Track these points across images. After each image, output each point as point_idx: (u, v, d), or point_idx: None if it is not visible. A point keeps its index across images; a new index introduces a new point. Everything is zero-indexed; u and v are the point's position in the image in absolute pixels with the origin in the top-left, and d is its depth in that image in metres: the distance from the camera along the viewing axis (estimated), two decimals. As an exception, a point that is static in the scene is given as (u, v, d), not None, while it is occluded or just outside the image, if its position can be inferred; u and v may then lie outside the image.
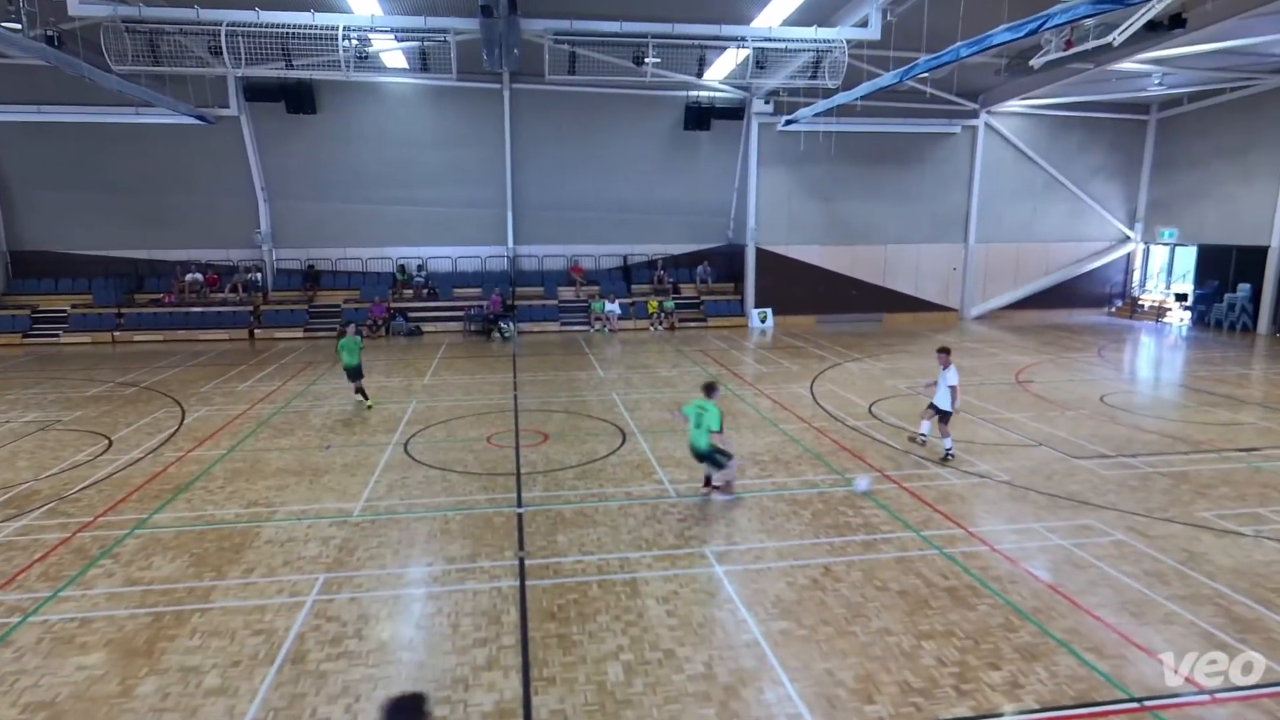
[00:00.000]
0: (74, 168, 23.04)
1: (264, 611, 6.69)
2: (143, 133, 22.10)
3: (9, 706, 5.38)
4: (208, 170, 23.60)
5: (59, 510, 9.08)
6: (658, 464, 10.82)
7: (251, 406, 14.22)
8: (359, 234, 25.39)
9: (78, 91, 19.99)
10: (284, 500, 9.40)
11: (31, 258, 24.01)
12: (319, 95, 22.64)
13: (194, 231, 24.27)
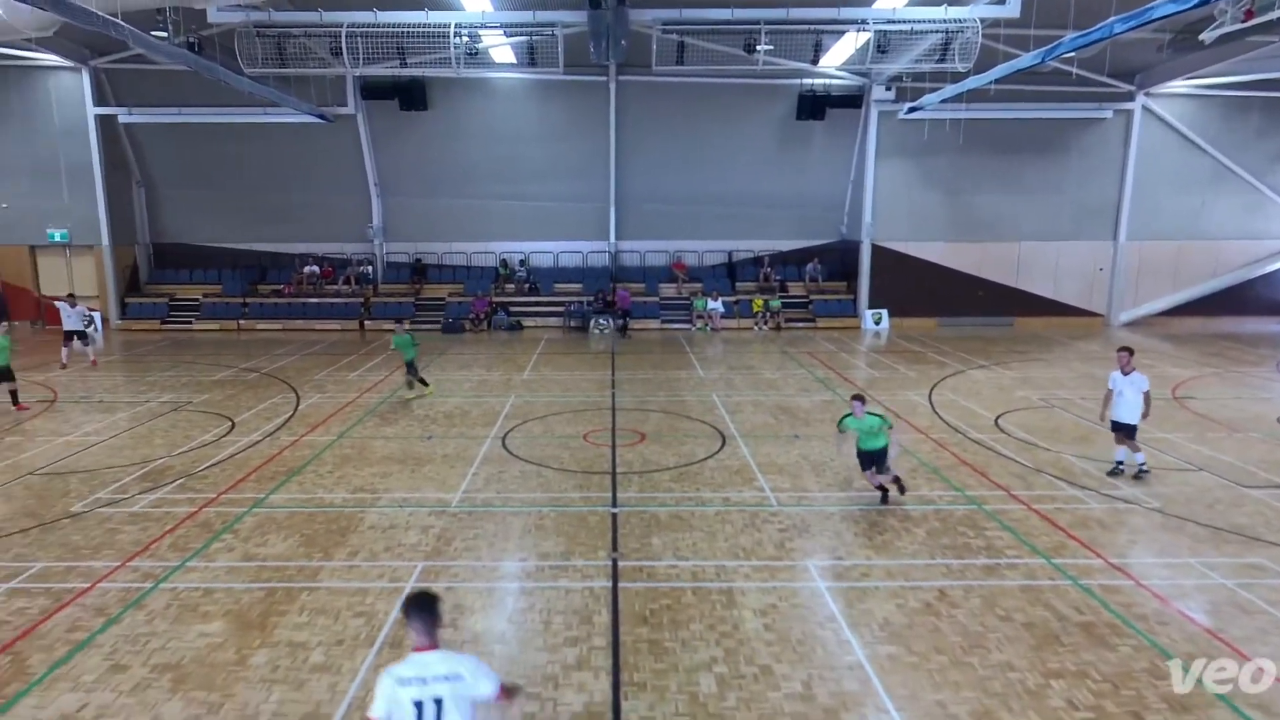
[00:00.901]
0: (208, 166, 25.45)
1: (366, 594, 7.10)
2: (269, 132, 24.10)
3: (140, 665, 5.98)
4: (326, 167, 25.41)
5: (188, 486, 10.02)
6: (759, 470, 10.64)
7: (360, 395, 15.17)
8: (464, 229, 26.56)
9: (213, 94, 22.06)
10: (387, 487, 9.95)
11: (170, 249, 26.73)
12: (430, 93, 23.86)
13: (312, 226, 26.22)
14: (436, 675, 3.47)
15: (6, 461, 10.98)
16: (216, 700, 5.56)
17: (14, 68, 23.31)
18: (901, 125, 24.02)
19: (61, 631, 6.45)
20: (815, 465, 10.88)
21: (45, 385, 16.10)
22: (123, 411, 13.91)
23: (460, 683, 3.49)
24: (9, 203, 24.27)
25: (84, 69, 23.18)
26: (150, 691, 5.65)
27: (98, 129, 23.77)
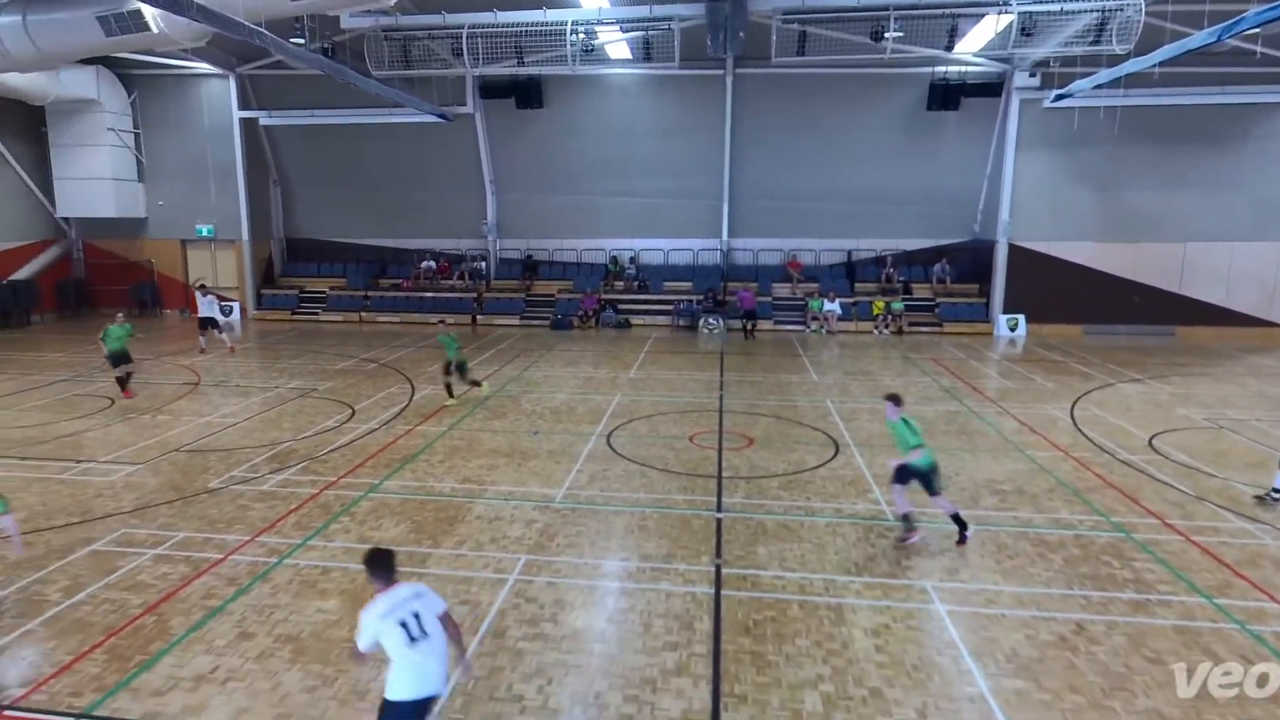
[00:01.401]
0: (336, 165, 27.34)
1: (471, 584, 7.38)
2: (392, 132, 25.62)
3: (265, 634, 6.49)
4: (445, 165, 26.71)
5: (310, 469, 10.79)
6: (874, 482, 10.22)
7: (470, 388, 15.80)
8: (576, 225, 27.18)
9: (343, 97, 23.69)
10: (494, 480, 10.31)
11: (302, 244, 28.95)
12: (546, 90, 24.58)
13: (431, 222, 27.64)
14: (406, 598, 4.49)
15: (157, 438, 12.24)
16: (331, 674, 5.93)
17: (171, 76, 26.02)
18: (1046, 114, 22.41)
19: (198, 598, 7.10)
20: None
21: (190, 369, 17.83)
22: (256, 396, 15.19)
23: (425, 597, 4.56)
24: (165, 200, 27.10)
25: (231, 76, 25.53)
26: (273, 660, 6.10)
27: (241, 131, 26.10)
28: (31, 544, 8.19)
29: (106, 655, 6.17)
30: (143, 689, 5.73)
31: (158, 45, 18.48)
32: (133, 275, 27.39)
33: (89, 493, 9.79)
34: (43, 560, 7.86)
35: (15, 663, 6.11)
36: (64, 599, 7.07)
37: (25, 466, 10.79)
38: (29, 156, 25.33)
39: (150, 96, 26.45)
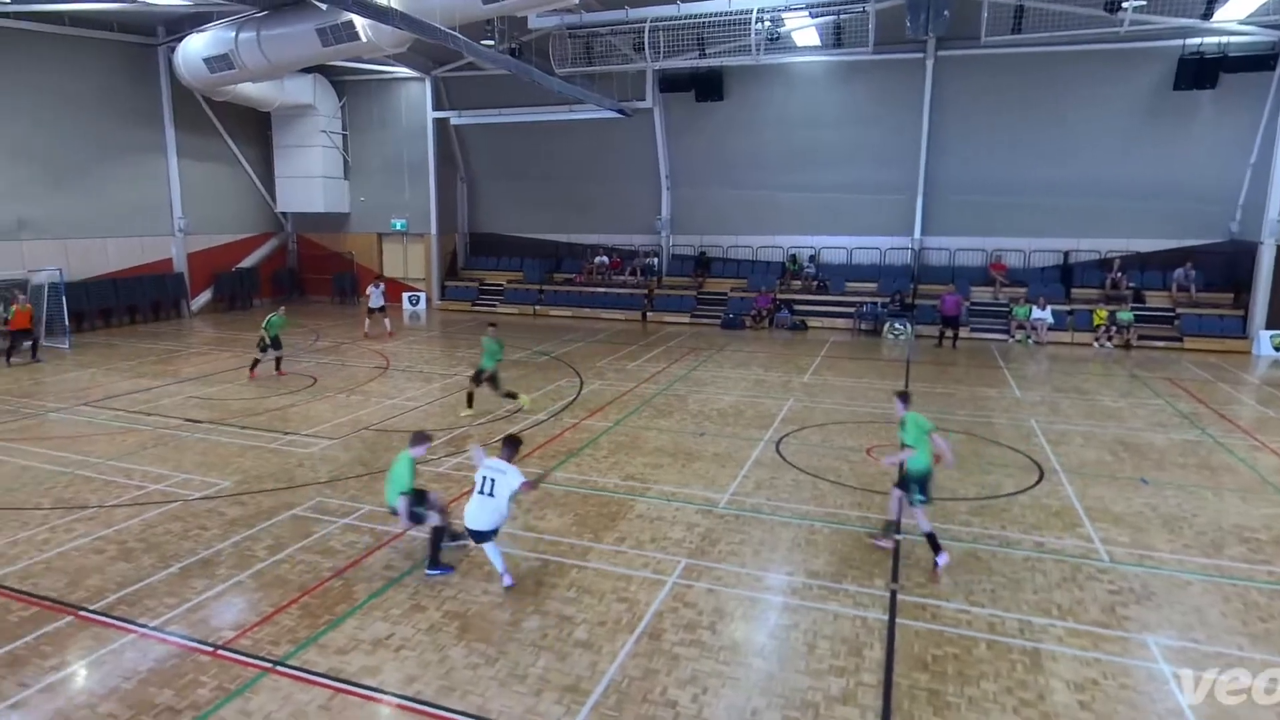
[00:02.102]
0: (518, 162, 29.09)
1: (629, 582, 7.53)
2: (571, 128, 26.83)
3: (435, 609, 7.02)
4: (620, 161, 27.57)
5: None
6: (1086, 515, 9.21)
7: (637, 385, 16.21)
8: (752, 221, 26.98)
9: (526, 95, 25.12)
10: (657, 479, 10.47)
11: (484, 238, 31.14)
12: (727, 82, 24.61)
13: (605, 217, 28.65)
14: (498, 467, 7.35)
15: (350, 416, 13.69)
16: (492, 654, 6.30)
17: (375, 81, 29.02)
18: (1340, 86, 19.01)
19: (379, 568, 7.84)
20: (1168, 519, 9.11)
21: (380, 354, 19.77)
22: (437, 382, 16.53)
23: (507, 474, 7.28)
24: (365, 196, 30.30)
25: (427, 78, 28.02)
26: (441, 634, 6.59)
27: (434, 131, 28.58)
28: (245, 504, 9.49)
29: (300, 611, 6.97)
30: (329, 646, 6.41)
31: (365, 53, 20.70)
32: (335, 265, 30.87)
33: (292, 462, 11.15)
34: (253, 519, 9.06)
35: (228, 608, 7.08)
36: (268, 556, 8.10)
37: (243, 435, 12.51)
38: (257, 157, 29.35)
39: (357, 100, 29.69)
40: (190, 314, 26.44)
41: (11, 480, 10.39)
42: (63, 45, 22.00)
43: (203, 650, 6.35)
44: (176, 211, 26.07)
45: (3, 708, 5.64)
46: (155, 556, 8.08)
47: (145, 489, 10.07)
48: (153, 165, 25.36)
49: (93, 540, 8.48)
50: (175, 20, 23.28)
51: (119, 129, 24.12)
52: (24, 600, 7.17)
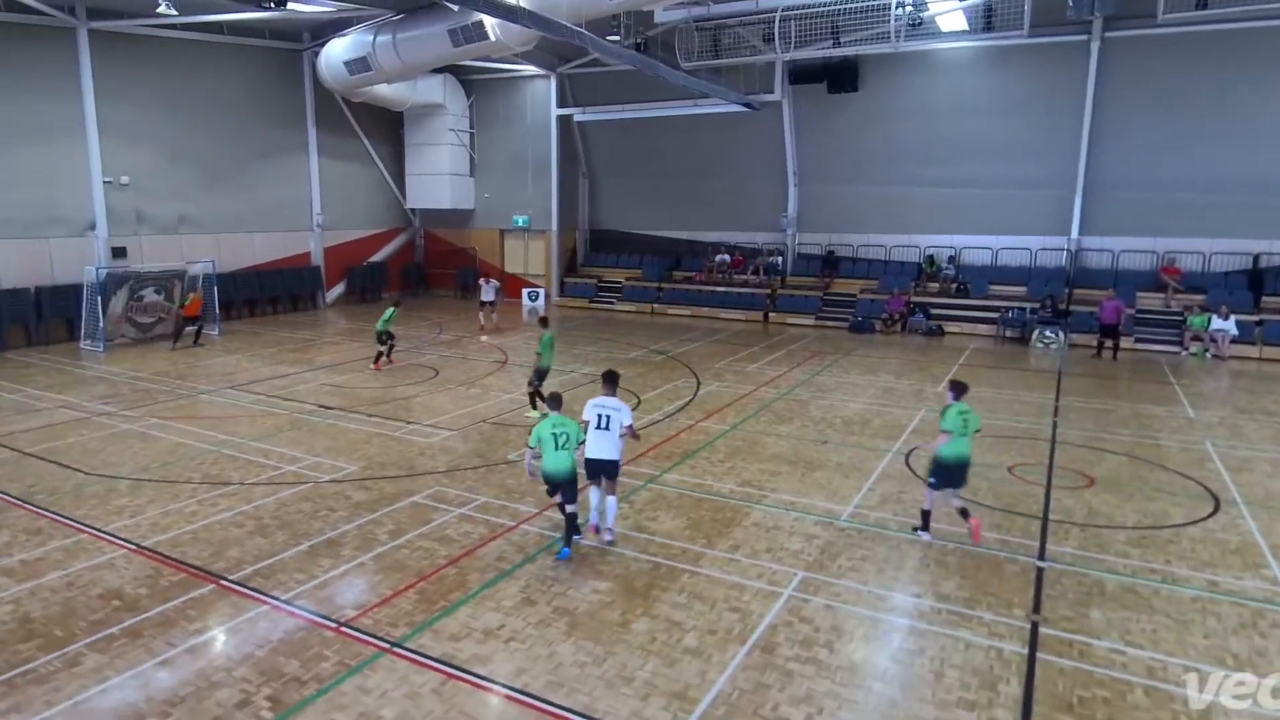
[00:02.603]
0: (639, 158, 29.48)
1: (742, 591, 7.45)
2: (695, 123, 26.87)
3: (545, 604, 7.21)
4: (745, 156, 27.36)
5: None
6: (1271, 555, 8.29)
7: (757, 388, 16.02)
8: (885, 219, 26.08)
9: (650, 91, 25.46)
10: (775, 487, 10.31)
11: (604, 235, 31.75)
12: (862, 72, 23.92)
13: (727, 214, 28.53)
14: (611, 404, 8.46)
15: (468, 409, 14.31)
16: (600, 654, 6.39)
17: (502, 80, 30.19)
18: None
19: (492, 559, 8.13)
20: (1385, 567, 8.03)
21: (500, 349, 20.53)
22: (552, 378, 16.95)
23: (618, 411, 8.42)
24: (490, 193, 31.58)
25: (552, 76, 28.89)
26: (550, 629, 6.76)
27: (557, 127, 29.42)
28: (369, 489, 10.12)
29: (417, 596, 7.34)
30: (442, 632, 6.72)
31: (494, 52, 21.63)
32: (459, 261, 32.36)
33: (413, 451, 11.77)
34: (376, 504, 9.64)
35: (351, 588, 7.56)
36: (389, 540, 8.59)
37: (370, 422, 13.34)
38: (389, 155, 31.25)
39: (484, 99, 31.01)
40: (325, 305, 28.47)
41: (167, 455, 11.56)
42: (220, 53, 24.28)
43: (327, 626, 6.81)
44: (315, 208, 28.19)
45: (153, 663, 6.26)
46: (288, 534, 8.75)
47: (281, 470, 10.93)
48: (296, 164, 27.54)
49: (234, 515, 9.30)
50: (319, 26, 25.17)
51: (267, 130, 26.36)
52: (173, 566, 7.96)
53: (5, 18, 19.41)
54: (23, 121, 20.22)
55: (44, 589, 7.49)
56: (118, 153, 22.06)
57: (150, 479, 10.52)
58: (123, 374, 17.16)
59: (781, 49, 21.28)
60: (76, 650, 6.43)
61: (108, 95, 21.59)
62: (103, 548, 8.40)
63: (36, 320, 20.60)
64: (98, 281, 19.91)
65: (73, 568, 7.93)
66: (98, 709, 5.70)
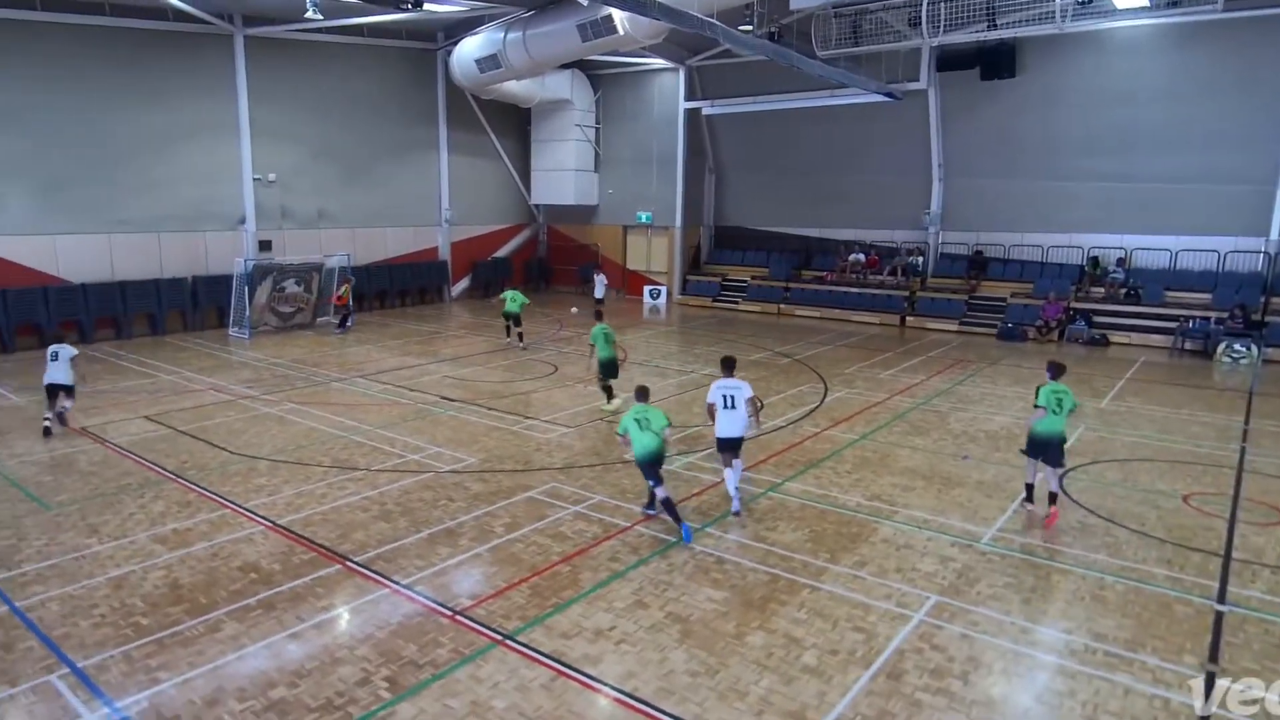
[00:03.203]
0: (768, 151, 29.12)
1: (868, 611, 7.22)
2: (830, 115, 26.28)
3: (658, 608, 7.26)
4: (884, 149, 26.50)
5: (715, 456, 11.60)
6: None
7: (890, 397, 15.49)
8: (1042, 216, 24.57)
9: (782, 81, 25.11)
10: (907, 502, 9.93)
11: (729, 232, 31.62)
12: (1021, 56, 22.66)
13: (862, 211, 27.73)
14: (733, 384, 9.48)
15: (586, 406, 14.62)
16: (714, 664, 6.37)
17: (629, 74, 30.65)
18: None
19: (605, 559, 8.27)
20: None
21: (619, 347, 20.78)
22: (673, 378, 17.09)
23: (740, 389, 9.42)
24: (614, 189, 32.13)
25: (680, 68, 29.05)
26: (662, 635, 6.80)
27: (684, 121, 29.56)
28: (487, 481, 10.54)
29: (530, 590, 7.58)
30: (554, 628, 6.90)
31: (622, 46, 21.99)
32: (581, 257, 33.11)
33: (530, 446, 12.16)
34: (494, 496, 10.02)
35: (467, 577, 7.90)
36: (505, 533, 8.91)
37: (489, 415, 13.89)
38: (516, 152, 32.42)
39: (611, 93, 31.60)
40: (450, 299, 29.88)
41: (302, 438, 12.50)
42: (360, 55, 26.04)
43: (443, 613, 7.14)
44: (444, 203, 29.65)
45: (284, 635, 6.79)
46: (409, 521, 9.24)
47: (404, 458, 11.57)
48: (427, 161, 29.10)
49: (360, 499, 9.92)
50: (453, 26, 26.49)
51: (401, 128, 28.00)
52: (304, 545, 8.59)
53: (172, 27, 21.61)
54: (186, 124, 22.44)
55: (191, 558, 8.28)
56: (266, 151, 24.07)
57: (286, 460, 11.40)
58: (264, 360, 18.68)
59: (929, 33, 20.48)
60: (218, 617, 7.06)
61: (259, 97, 23.61)
62: (243, 523, 9.18)
63: (192, 307, 22.78)
64: (245, 273, 21.80)
65: (216, 540, 8.73)
66: (235, 674, 6.23)
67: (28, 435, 12.57)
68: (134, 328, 21.58)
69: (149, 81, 21.55)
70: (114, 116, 21.06)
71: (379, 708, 5.81)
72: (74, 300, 20.51)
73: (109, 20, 20.52)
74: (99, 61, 20.65)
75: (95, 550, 8.45)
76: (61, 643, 6.64)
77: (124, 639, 6.71)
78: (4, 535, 8.83)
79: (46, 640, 6.68)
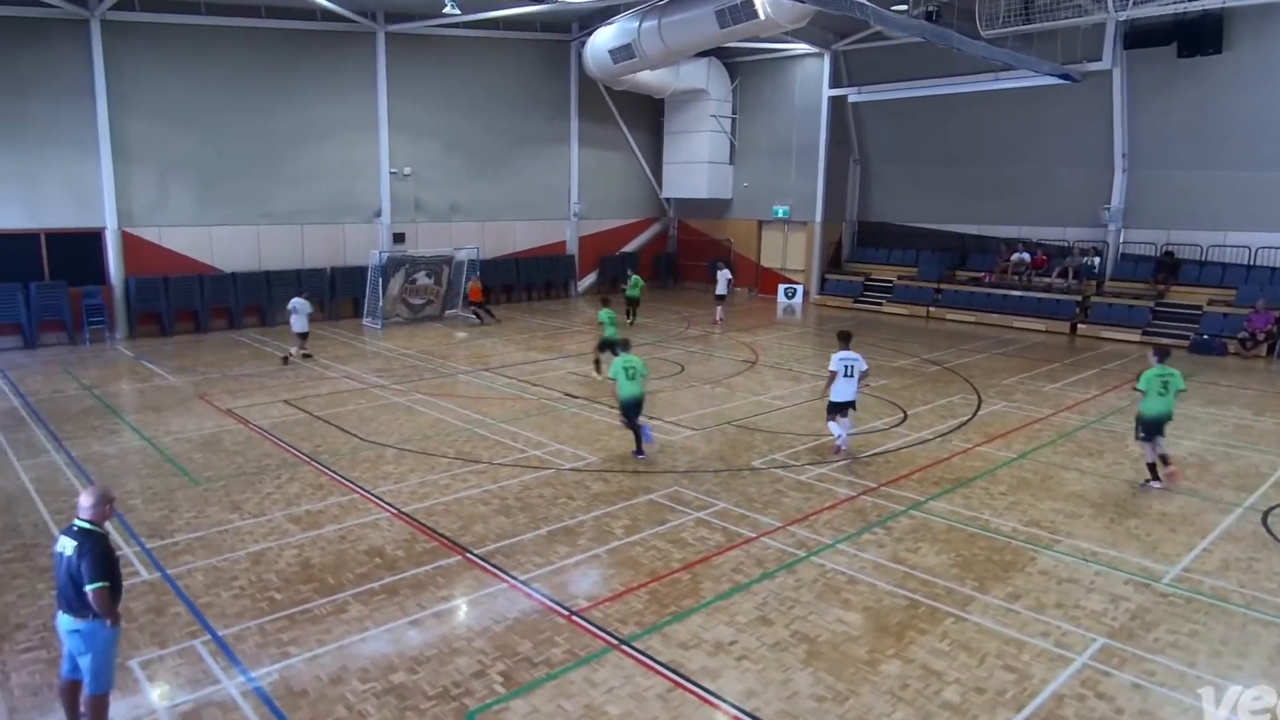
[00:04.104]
0: (921, 141, 28.06)
1: (1021, 649, 6.82)
2: (993, 100, 24.96)
3: (783, 626, 7.14)
4: (1056, 137, 24.94)
5: (851, 468, 11.44)
6: None
7: (1056, 413, 14.60)
8: (1249, 213, 22.36)
9: (939, 65, 24.21)
10: (1071, 531, 9.34)
11: (873, 228, 30.71)
12: (1229, 29, 20.77)
13: (1028, 206, 26.21)
14: (852, 356, 11.64)
15: (715, 408, 14.60)
16: (843, 691, 6.20)
17: (769, 60, 30.33)
18: None
19: (728, 569, 8.23)
20: None
21: (750, 347, 20.68)
22: (806, 383, 16.77)
23: (857, 360, 11.65)
24: (749, 181, 31.89)
25: (825, 53, 28.46)
26: (786, 654, 6.68)
27: (828, 109, 28.94)
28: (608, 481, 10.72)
29: (648, 596, 7.64)
30: (671, 637, 6.91)
31: (763, 31, 21.79)
32: (712, 252, 33.05)
33: (653, 447, 12.24)
34: (614, 497, 10.18)
35: (584, 578, 8.07)
36: (624, 536, 9.03)
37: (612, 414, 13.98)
38: (647, 144, 32.80)
39: (749, 82, 31.38)
40: (576, 294, 30.59)
41: (429, 429, 13.16)
42: (494, 48, 27.16)
43: (559, 612, 7.31)
44: (573, 197, 30.40)
45: (405, 621, 7.17)
46: (528, 516, 9.53)
47: (526, 453, 11.95)
48: (557, 154, 29.95)
49: (481, 492, 10.33)
50: (587, 16, 27.16)
51: (532, 121, 28.95)
52: (427, 534, 9.03)
53: (320, 26, 23.35)
54: (329, 119, 24.21)
55: (322, 539, 8.90)
56: (402, 145, 25.53)
57: (412, 450, 12.02)
58: (394, 350, 19.79)
59: (1116, 7, 19.14)
60: (344, 598, 7.56)
61: (397, 92, 25.11)
62: (370, 508, 9.77)
63: (330, 297, 24.45)
64: (379, 265, 23.17)
65: (345, 523, 9.33)
66: (358, 655, 6.64)
67: (183, 414, 13.91)
68: (277, 316, 23.39)
69: (298, 79, 23.39)
70: (267, 113, 22.98)
71: (493, 701, 6.02)
72: (225, 288, 22.51)
73: (264, 22, 22.44)
74: (255, 61, 22.62)
75: (237, 526, 9.23)
76: (205, 610, 7.31)
77: (259, 612, 7.29)
78: (159, 506, 9.80)
79: (192, 607, 7.37)
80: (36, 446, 12.13)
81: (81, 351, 19.63)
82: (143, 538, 8.86)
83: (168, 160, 21.60)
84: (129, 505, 9.76)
